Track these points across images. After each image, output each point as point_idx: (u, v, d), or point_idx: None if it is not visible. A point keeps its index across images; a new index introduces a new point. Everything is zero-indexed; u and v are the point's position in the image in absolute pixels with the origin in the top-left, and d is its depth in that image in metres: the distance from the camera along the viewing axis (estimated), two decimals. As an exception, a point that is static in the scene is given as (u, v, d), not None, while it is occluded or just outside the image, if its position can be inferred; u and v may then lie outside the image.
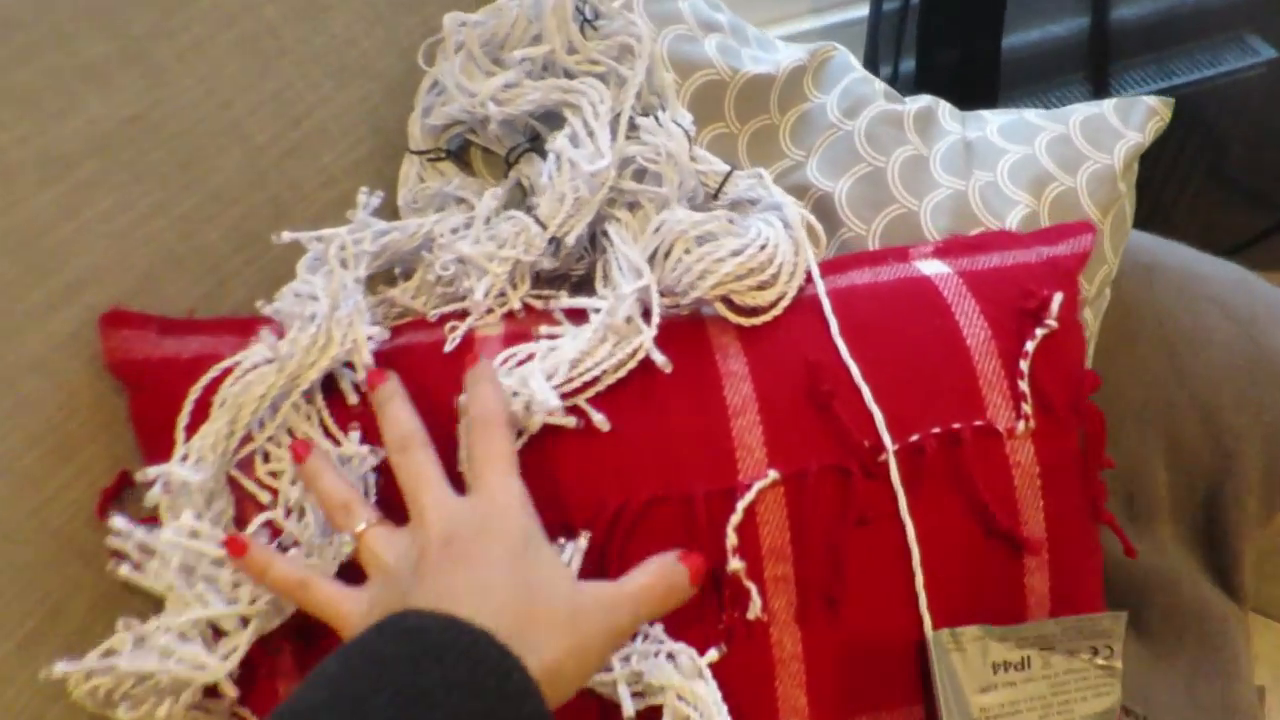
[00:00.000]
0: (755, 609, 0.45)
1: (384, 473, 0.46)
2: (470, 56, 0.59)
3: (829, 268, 0.54)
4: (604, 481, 0.47)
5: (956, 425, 0.47)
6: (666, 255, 0.49)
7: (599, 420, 0.46)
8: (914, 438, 0.46)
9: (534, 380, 0.45)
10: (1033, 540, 0.47)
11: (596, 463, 0.47)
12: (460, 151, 0.64)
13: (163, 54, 0.58)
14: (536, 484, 0.45)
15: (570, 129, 0.53)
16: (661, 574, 0.42)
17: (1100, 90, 1.27)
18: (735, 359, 0.49)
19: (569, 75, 0.58)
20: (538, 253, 0.50)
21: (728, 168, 0.56)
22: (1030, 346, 0.48)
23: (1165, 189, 1.31)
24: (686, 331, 0.50)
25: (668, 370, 0.48)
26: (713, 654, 0.45)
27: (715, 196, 0.56)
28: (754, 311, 0.50)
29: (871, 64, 1.17)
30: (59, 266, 0.52)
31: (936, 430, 0.47)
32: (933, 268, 0.53)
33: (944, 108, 0.72)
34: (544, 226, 0.50)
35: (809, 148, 0.70)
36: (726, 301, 0.50)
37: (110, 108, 0.56)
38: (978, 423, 0.47)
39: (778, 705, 0.47)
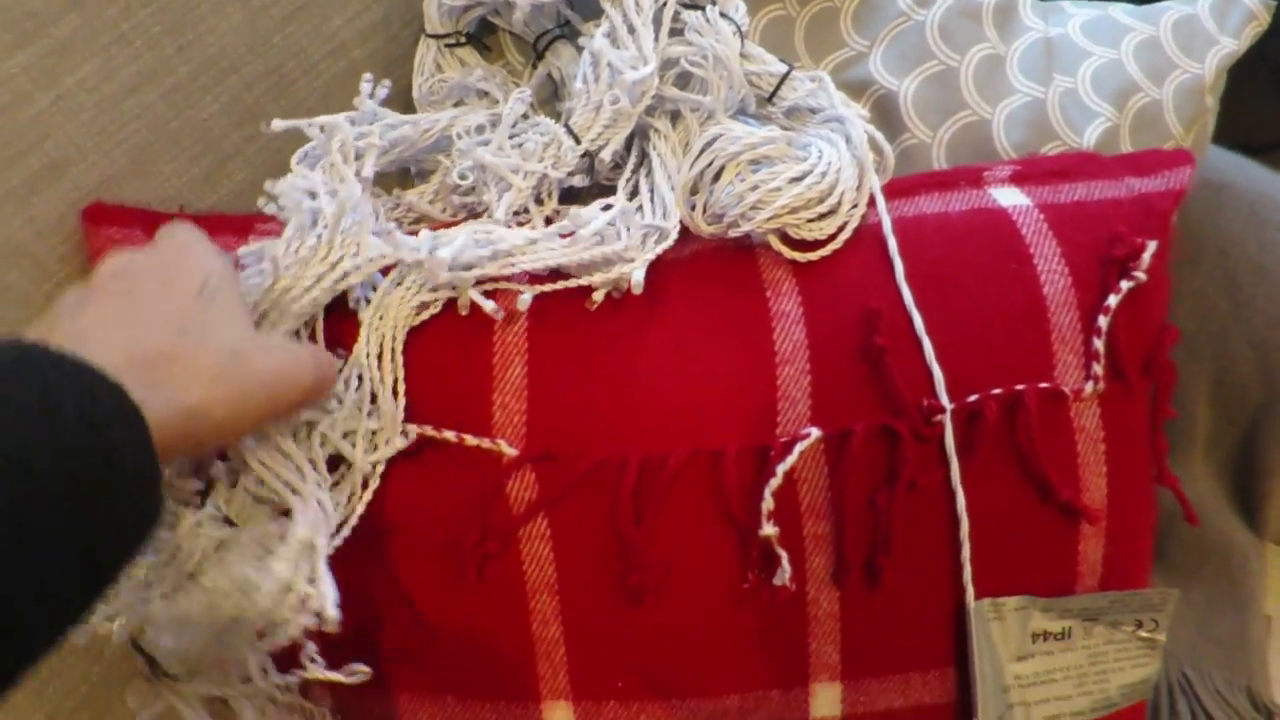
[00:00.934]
0: (784, 576, 0.42)
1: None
2: None
3: (895, 190, 0.49)
4: (630, 424, 0.43)
5: (1020, 387, 0.43)
6: (716, 178, 0.44)
7: (490, 307, 0.43)
8: (972, 398, 0.43)
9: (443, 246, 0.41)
10: (1093, 510, 0.44)
11: (624, 402, 0.44)
12: (484, 35, 0.57)
13: (152, -105, 0.50)
14: (554, 416, 0.43)
15: (609, 24, 0.46)
16: None
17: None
18: (789, 298, 0.44)
19: None
20: (567, 169, 0.44)
21: (785, 68, 0.50)
22: (1113, 301, 0.44)
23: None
24: (735, 261, 0.46)
25: (498, 317, 0.44)
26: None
27: (770, 101, 0.50)
28: (811, 246, 0.45)
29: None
30: (37, 143, 0.46)
31: (998, 391, 0.43)
32: (1011, 197, 0.48)
33: (1025, -1, 0.65)
34: (577, 140, 0.44)
35: (874, 37, 0.63)
36: (780, 234, 0.45)
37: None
38: (1043, 385, 0.43)
39: (809, 659, 0.45)
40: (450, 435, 0.43)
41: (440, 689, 0.46)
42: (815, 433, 0.42)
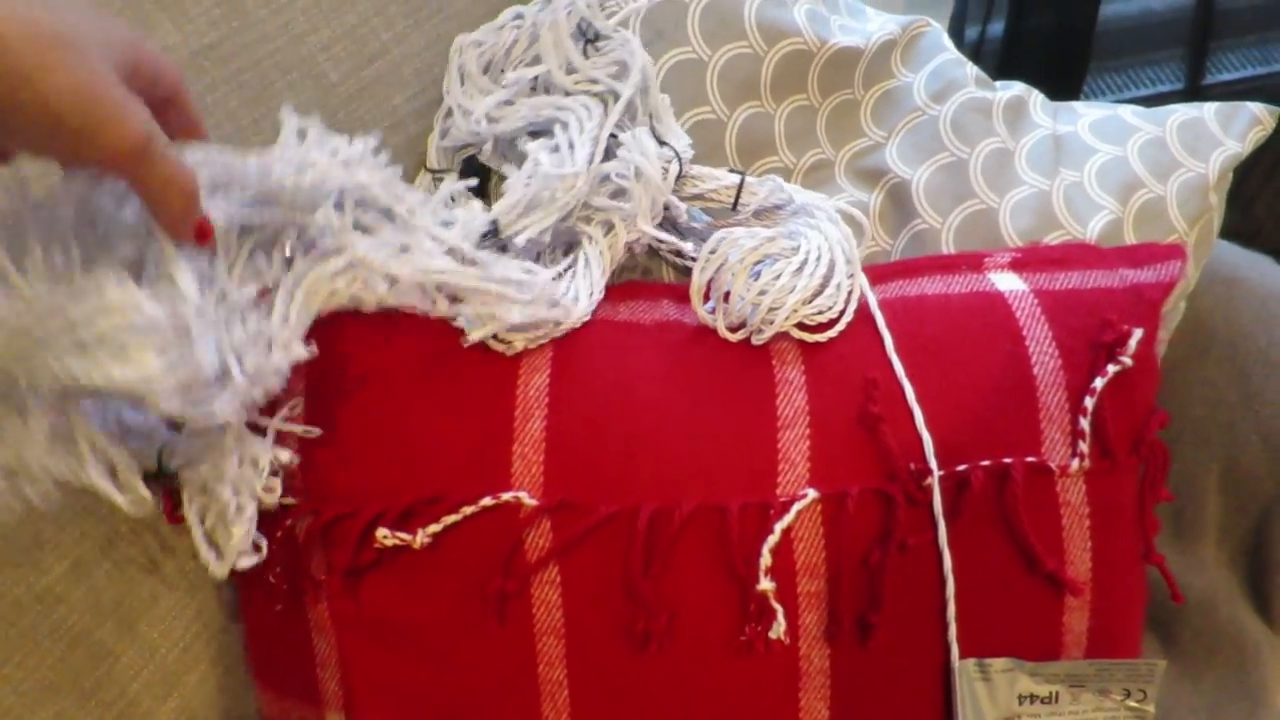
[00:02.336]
0: (779, 630, 0.45)
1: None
2: (470, 77, 0.59)
3: (900, 270, 0.53)
4: (642, 477, 0.46)
5: (1008, 460, 0.46)
6: (726, 296, 0.48)
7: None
8: (961, 468, 0.45)
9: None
10: (1075, 582, 0.46)
11: (637, 456, 0.47)
12: (483, 177, 0.63)
13: (239, -16, 0.56)
14: (570, 468, 0.46)
15: (555, 140, 0.52)
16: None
17: (1196, 70, 1.21)
18: (793, 367, 0.48)
19: (569, 95, 0.57)
20: (471, 241, 0.49)
21: (737, 177, 0.55)
22: (1099, 384, 0.47)
23: (1260, 194, 1.25)
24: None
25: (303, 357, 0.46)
26: None
27: (735, 209, 0.54)
28: (817, 328, 0.49)
29: (959, 24, 1.12)
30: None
31: (986, 463, 0.46)
32: (1008, 283, 0.51)
33: (1036, 98, 0.69)
34: (498, 228, 0.49)
35: (891, 129, 0.67)
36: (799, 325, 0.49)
37: (184, 35, 0.55)
38: (1030, 459, 0.46)
39: (799, 713, 0.47)
40: (469, 510, 0.46)
41: None
42: (812, 494, 0.45)
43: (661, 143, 0.54)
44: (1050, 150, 0.66)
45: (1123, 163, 0.66)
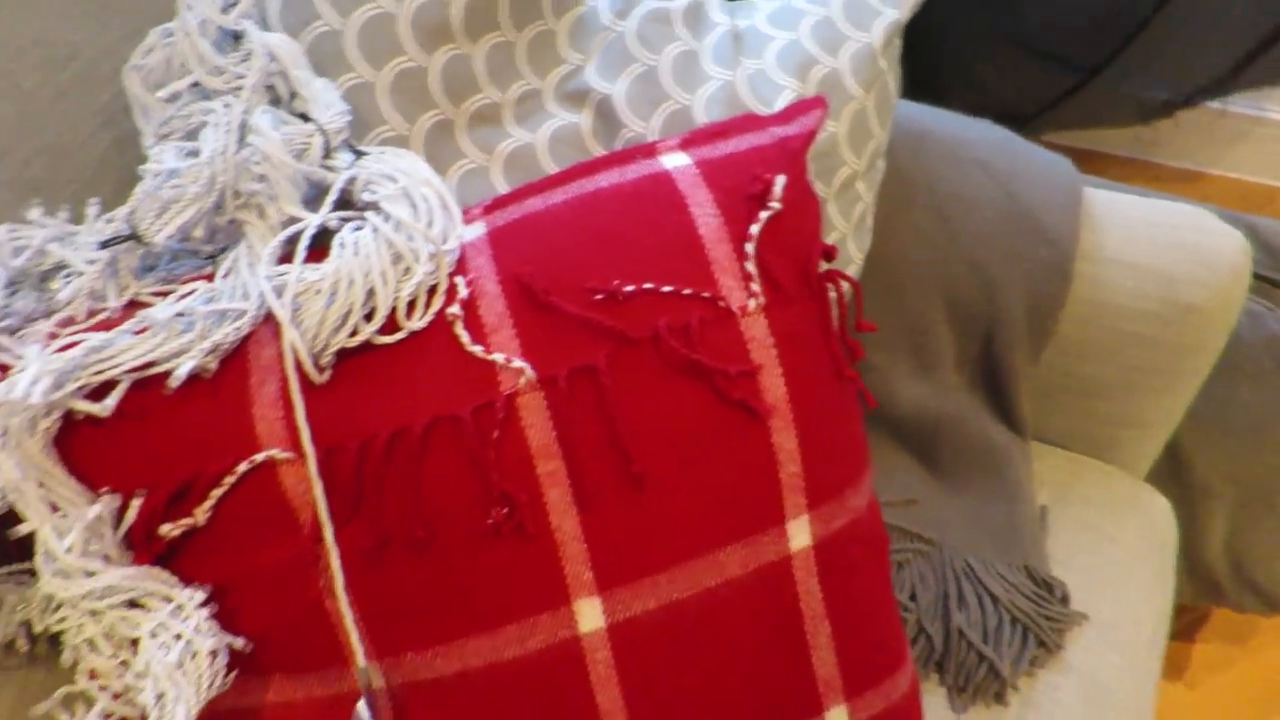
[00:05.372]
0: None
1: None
2: (139, 101, 0.61)
3: (582, 170, 0.58)
4: (379, 410, 0.51)
5: (692, 312, 0.52)
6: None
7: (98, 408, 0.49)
8: (652, 331, 0.51)
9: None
10: (768, 405, 0.53)
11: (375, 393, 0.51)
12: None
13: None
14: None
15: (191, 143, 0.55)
16: None
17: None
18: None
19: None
20: (93, 243, 0.52)
21: (343, 177, 0.57)
22: (755, 230, 0.53)
23: (974, 57, 1.37)
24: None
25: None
26: None
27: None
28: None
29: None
30: None
31: (669, 321, 0.52)
32: (674, 160, 0.57)
33: (713, 0, 0.75)
34: (138, 234, 0.52)
35: (587, 51, 0.72)
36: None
37: None
38: (719, 303, 0.52)
39: (566, 581, 0.52)
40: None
41: None
42: (525, 378, 0.50)
43: (306, 119, 0.57)
44: (730, 44, 0.73)
45: (797, 45, 0.73)
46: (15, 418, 0.45)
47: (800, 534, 0.55)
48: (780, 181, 0.54)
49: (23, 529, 0.47)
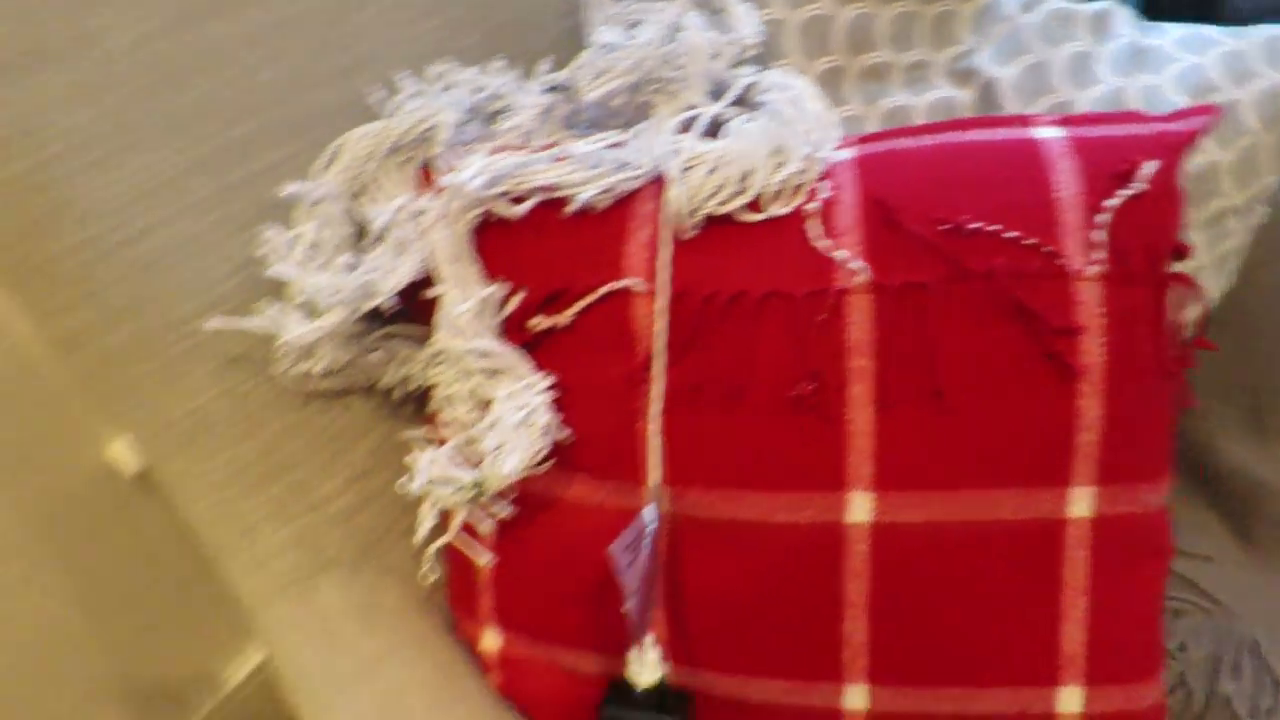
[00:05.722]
0: None
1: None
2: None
3: (953, 125, 0.62)
4: (726, 273, 0.58)
5: (1030, 262, 0.55)
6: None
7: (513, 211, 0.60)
8: (988, 267, 0.55)
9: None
10: (1081, 367, 0.54)
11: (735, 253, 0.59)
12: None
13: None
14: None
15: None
16: None
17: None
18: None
19: None
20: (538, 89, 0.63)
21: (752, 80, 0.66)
22: (1111, 203, 0.55)
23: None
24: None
25: None
26: None
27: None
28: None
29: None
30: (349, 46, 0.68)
31: (1006, 263, 0.55)
32: (1047, 132, 0.60)
33: (1123, 12, 0.76)
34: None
35: (985, 36, 0.76)
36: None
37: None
38: (1057, 260, 0.55)
39: (846, 470, 0.57)
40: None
41: None
42: (861, 278, 0.56)
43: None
44: (1130, 56, 0.74)
45: (1200, 69, 0.72)
46: (457, 201, 0.57)
47: (1081, 503, 0.56)
48: (1149, 165, 0.55)
49: (435, 290, 0.59)
